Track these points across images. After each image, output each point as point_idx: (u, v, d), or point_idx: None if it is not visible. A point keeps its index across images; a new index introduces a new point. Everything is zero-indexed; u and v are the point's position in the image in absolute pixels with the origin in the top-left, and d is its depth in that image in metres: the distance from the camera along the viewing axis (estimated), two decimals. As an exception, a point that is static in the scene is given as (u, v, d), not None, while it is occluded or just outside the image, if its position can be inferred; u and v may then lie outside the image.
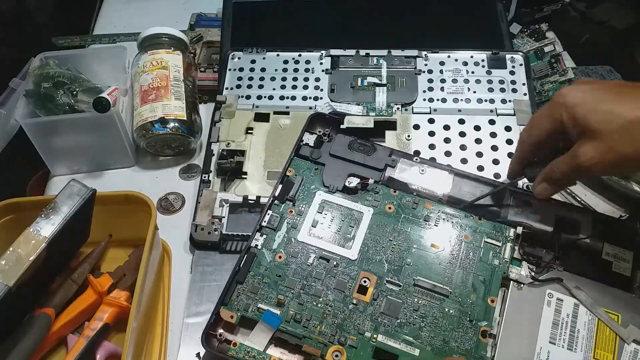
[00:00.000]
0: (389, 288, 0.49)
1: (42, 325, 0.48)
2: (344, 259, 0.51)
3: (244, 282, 0.49)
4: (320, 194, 0.55)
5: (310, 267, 0.50)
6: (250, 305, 0.48)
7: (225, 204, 0.58)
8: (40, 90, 0.63)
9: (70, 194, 0.47)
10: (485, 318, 0.47)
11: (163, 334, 0.52)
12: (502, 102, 0.64)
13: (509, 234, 0.52)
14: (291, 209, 0.54)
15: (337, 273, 0.50)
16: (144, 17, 0.90)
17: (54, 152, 0.64)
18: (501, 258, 0.50)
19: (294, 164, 0.57)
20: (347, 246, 0.51)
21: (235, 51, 0.71)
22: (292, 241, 0.52)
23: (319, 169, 0.56)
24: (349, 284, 0.49)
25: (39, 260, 0.44)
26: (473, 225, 0.52)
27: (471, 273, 0.50)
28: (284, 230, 0.52)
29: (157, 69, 0.66)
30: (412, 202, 0.54)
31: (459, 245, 0.51)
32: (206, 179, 0.60)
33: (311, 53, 0.70)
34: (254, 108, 0.65)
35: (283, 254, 0.51)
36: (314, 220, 0.53)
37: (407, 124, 0.63)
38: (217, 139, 0.63)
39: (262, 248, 0.51)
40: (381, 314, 0.48)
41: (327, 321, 0.48)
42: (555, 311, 0.48)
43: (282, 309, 0.48)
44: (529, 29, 0.82)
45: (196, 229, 0.57)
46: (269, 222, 0.53)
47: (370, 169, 0.56)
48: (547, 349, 0.46)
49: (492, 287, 0.49)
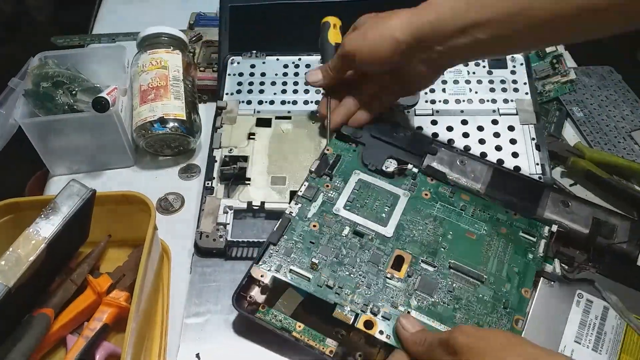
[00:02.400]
0: (423, 268, 0.49)
1: (41, 325, 0.48)
2: (379, 235, 0.51)
3: (277, 244, 0.50)
4: (358, 173, 0.55)
5: (344, 239, 0.51)
6: (282, 266, 0.49)
7: (230, 211, 0.57)
8: (40, 90, 0.62)
9: (70, 194, 0.47)
10: (519, 308, 0.47)
11: (162, 334, 0.52)
12: (504, 102, 0.64)
13: (543, 231, 0.52)
14: (328, 184, 0.54)
15: (372, 247, 0.50)
16: (143, 16, 0.90)
17: (53, 152, 0.64)
18: (535, 253, 0.51)
19: (332, 143, 0.58)
20: (382, 223, 0.52)
21: (234, 56, 0.70)
22: (327, 213, 0.52)
23: (358, 150, 0.57)
24: (384, 259, 0.49)
25: (39, 260, 0.44)
26: (509, 220, 0.53)
27: (506, 263, 0.50)
28: (319, 202, 0.53)
29: (156, 69, 0.66)
30: (448, 191, 0.54)
31: (495, 237, 0.52)
32: (209, 186, 0.60)
33: (311, 57, 0.69)
34: (255, 113, 0.65)
35: (317, 224, 0.51)
36: (349, 197, 0.53)
37: (410, 126, 0.63)
38: (219, 145, 0.62)
39: (296, 216, 0.52)
40: (415, 291, 0.48)
41: (360, 291, 0.47)
42: (583, 312, 0.48)
43: (314, 273, 0.48)
44: (529, 29, 0.81)
45: (201, 236, 0.56)
46: (306, 192, 0.53)
47: (410, 154, 0.57)
48: (571, 348, 0.46)
49: (527, 279, 0.49)
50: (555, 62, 0.73)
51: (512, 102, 0.64)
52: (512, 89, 0.65)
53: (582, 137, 0.70)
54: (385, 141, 0.58)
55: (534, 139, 0.61)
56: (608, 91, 0.75)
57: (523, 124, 0.62)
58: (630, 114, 0.72)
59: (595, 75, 0.78)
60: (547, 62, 0.73)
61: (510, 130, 0.62)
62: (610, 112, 0.72)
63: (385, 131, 0.59)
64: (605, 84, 0.76)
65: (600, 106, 0.73)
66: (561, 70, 0.73)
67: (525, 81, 0.66)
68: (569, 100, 0.73)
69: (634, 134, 0.69)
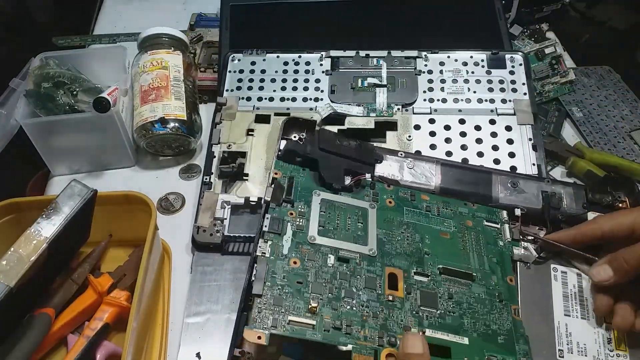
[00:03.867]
0: (418, 280, 0.48)
1: (42, 325, 0.48)
2: (365, 256, 0.48)
3: (262, 294, 0.43)
4: (319, 193, 0.52)
5: (332, 269, 0.46)
6: (279, 319, 0.42)
7: (227, 206, 0.58)
8: (40, 90, 0.63)
9: (71, 195, 0.47)
10: (511, 297, 0.48)
11: (163, 334, 0.52)
12: (502, 102, 0.64)
13: (502, 216, 0.53)
14: (291, 211, 0.49)
15: (362, 272, 0.47)
16: (144, 17, 0.90)
17: (54, 152, 0.64)
18: (504, 239, 0.52)
19: (278, 166, 0.53)
20: (362, 243, 0.49)
21: (235, 53, 0.71)
22: (303, 244, 0.47)
23: (306, 170, 0.54)
24: (378, 282, 0.46)
25: (40, 260, 0.44)
26: (470, 211, 0.54)
27: (484, 256, 0.50)
28: (290, 234, 0.48)
29: (157, 69, 0.66)
30: (408, 195, 0.54)
31: (465, 231, 0.52)
32: (207, 181, 0.60)
33: (311, 54, 0.70)
34: (255, 110, 0.65)
35: (297, 259, 0.46)
36: (319, 220, 0.49)
37: (408, 124, 0.63)
38: (218, 140, 0.63)
39: (271, 255, 0.46)
40: (420, 307, 0.46)
41: (368, 323, 0.43)
42: (562, 284, 0.49)
43: (315, 317, 0.43)
44: (529, 30, 0.82)
45: (198, 230, 0.57)
46: (271, 227, 0.48)
47: (363, 164, 0.55)
48: (564, 322, 0.47)
49: (506, 267, 0.50)
50: (554, 63, 0.73)
51: (510, 103, 0.64)
52: (511, 89, 0.65)
53: (582, 137, 0.70)
54: (336, 153, 0.55)
55: (530, 140, 0.61)
56: (607, 91, 0.75)
57: (520, 125, 0.62)
58: (630, 114, 0.72)
59: (594, 75, 0.78)
60: (546, 63, 0.73)
61: (508, 131, 0.62)
62: (610, 112, 0.72)
63: (332, 142, 0.56)
64: (604, 84, 0.77)
65: (600, 106, 0.73)
66: (560, 71, 0.73)
67: (523, 81, 0.66)
68: (569, 101, 0.73)
69: (634, 134, 0.69)
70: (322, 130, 0.58)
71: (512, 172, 0.58)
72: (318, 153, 0.55)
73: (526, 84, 0.66)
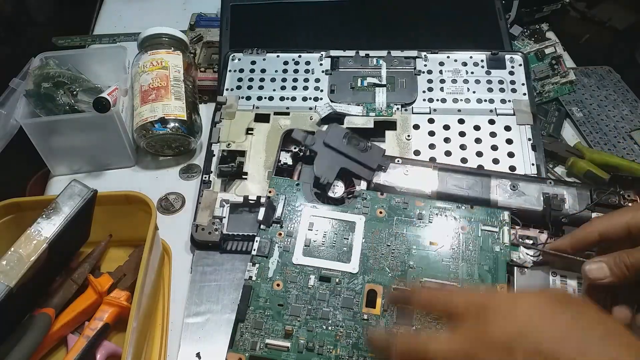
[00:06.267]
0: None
1: (42, 325, 0.48)
2: (345, 274, 0.49)
3: (245, 319, 0.47)
4: (307, 209, 0.52)
5: (312, 290, 0.48)
6: (257, 342, 0.46)
7: (226, 204, 0.58)
8: (40, 90, 0.63)
9: (71, 195, 0.47)
10: None
11: (163, 334, 0.52)
12: (502, 102, 0.64)
13: (503, 217, 0.51)
14: (280, 232, 0.51)
15: (342, 290, 0.48)
16: (144, 17, 0.90)
17: (54, 152, 0.64)
18: (501, 244, 0.50)
19: (273, 184, 0.54)
20: (345, 260, 0.50)
21: (235, 52, 0.71)
22: (287, 266, 0.49)
23: (300, 185, 0.54)
24: (356, 300, 0.47)
25: (40, 260, 0.44)
26: (467, 215, 0.52)
27: (475, 264, 0.49)
28: (276, 256, 0.50)
29: (157, 69, 0.66)
30: (402, 202, 0.53)
31: (458, 238, 0.50)
32: (207, 180, 0.60)
33: (311, 54, 0.70)
34: (254, 109, 0.65)
35: (281, 282, 0.48)
36: (306, 239, 0.51)
37: (407, 124, 0.63)
38: (218, 139, 0.63)
39: (257, 279, 0.48)
40: (394, 324, 0.46)
41: (341, 343, 0.45)
42: (562, 287, 0.48)
43: (291, 339, 0.46)
44: (529, 30, 0.82)
45: (197, 229, 0.57)
46: (259, 250, 0.50)
47: (363, 167, 0.55)
48: None
49: (499, 275, 0.48)
50: (554, 63, 0.73)
51: (510, 103, 0.64)
52: (510, 90, 0.65)
53: (582, 138, 0.70)
54: (339, 151, 0.55)
55: (530, 140, 0.61)
56: (607, 91, 0.75)
57: (520, 125, 0.62)
58: (630, 114, 0.72)
59: (594, 76, 0.78)
60: (547, 63, 0.73)
61: (507, 131, 0.62)
62: (610, 112, 0.72)
63: (339, 139, 0.55)
64: (604, 84, 0.77)
65: (600, 106, 0.73)
66: (560, 71, 0.73)
67: (523, 82, 0.66)
68: (569, 101, 0.73)
69: (634, 134, 0.69)
70: (334, 126, 0.57)
71: (513, 174, 0.57)
72: (320, 147, 0.55)
73: (525, 84, 0.65)
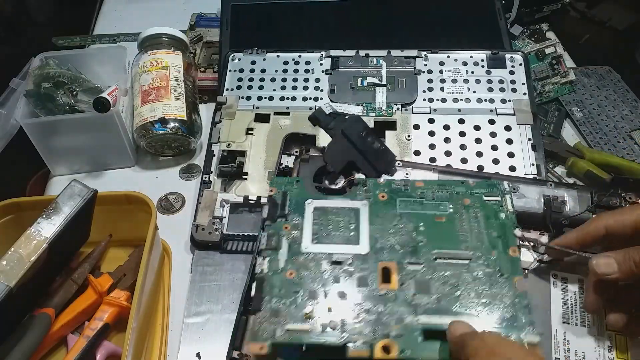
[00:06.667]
0: (411, 270, 0.47)
1: (42, 325, 0.48)
2: (357, 256, 0.49)
3: (262, 309, 0.45)
4: (311, 202, 0.52)
5: (326, 273, 0.48)
6: (277, 329, 0.44)
7: (226, 204, 0.58)
8: (41, 90, 0.63)
9: (72, 195, 0.47)
10: (513, 270, 0.46)
11: (163, 334, 0.52)
12: (502, 102, 0.64)
13: (503, 187, 0.52)
14: (286, 225, 0.51)
15: (355, 271, 0.48)
16: (144, 17, 0.90)
17: (54, 152, 0.64)
18: (505, 211, 0.50)
19: (273, 183, 0.54)
20: (354, 243, 0.49)
21: (235, 52, 0.71)
22: (298, 255, 0.49)
23: (301, 181, 0.54)
24: (371, 278, 0.47)
25: (40, 260, 0.44)
26: (468, 188, 0.52)
27: (484, 232, 0.49)
28: (285, 248, 0.49)
29: (157, 69, 0.66)
30: (402, 184, 0.53)
31: (462, 211, 0.51)
32: (207, 180, 0.60)
33: (311, 54, 0.70)
34: (254, 109, 0.65)
35: (294, 270, 0.48)
36: (313, 229, 0.50)
37: (407, 124, 0.63)
38: (218, 139, 0.63)
39: (269, 271, 0.48)
40: (413, 295, 0.46)
41: (362, 320, 0.45)
42: (562, 290, 0.48)
43: (311, 322, 0.45)
44: (529, 30, 0.82)
45: (197, 229, 0.57)
46: (268, 244, 0.49)
47: (371, 166, 0.55)
48: (562, 330, 0.46)
49: (509, 238, 0.48)
50: (554, 63, 0.73)
51: (510, 102, 0.64)
52: (510, 89, 0.65)
53: (582, 138, 0.70)
54: (353, 144, 0.55)
55: (530, 140, 0.61)
56: (607, 91, 0.75)
57: (520, 125, 0.62)
58: (630, 114, 0.72)
59: (594, 75, 0.78)
60: (547, 63, 0.73)
61: (507, 130, 0.62)
62: (610, 112, 0.72)
63: (358, 133, 0.55)
64: (604, 84, 0.77)
65: (600, 106, 0.73)
66: (560, 71, 0.73)
67: (523, 82, 0.66)
68: (569, 101, 0.73)
69: (634, 134, 0.69)
70: (356, 117, 0.57)
71: (513, 176, 0.57)
72: (338, 133, 0.55)
73: (526, 84, 0.65)
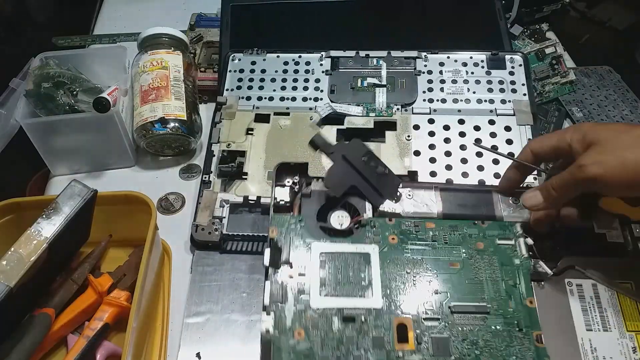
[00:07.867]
0: (428, 326, 0.45)
1: (42, 325, 0.48)
2: (371, 310, 0.45)
3: None
4: (316, 245, 0.48)
5: (338, 334, 0.44)
6: None
7: (226, 205, 0.58)
8: (41, 91, 0.63)
9: (72, 195, 0.47)
10: (532, 323, 0.45)
11: (163, 334, 0.52)
12: (502, 103, 0.64)
13: (516, 229, 0.50)
14: (290, 274, 0.47)
15: (369, 329, 0.44)
16: (144, 17, 0.90)
17: (54, 152, 0.64)
18: (520, 256, 0.48)
19: (274, 222, 0.49)
20: (367, 295, 0.46)
21: (235, 52, 0.71)
22: (306, 311, 0.45)
23: (303, 220, 0.50)
24: (387, 337, 0.44)
25: (40, 260, 0.44)
26: (480, 230, 0.50)
27: (500, 280, 0.47)
28: (292, 301, 0.45)
29: (157, 69, 0.66)
30: (412, 225, 0.50)
31: (477, 257, 0.48)
32: (207, 180, 0.60)
33: (311, 54, 0.70)
34: (254, 109, 0.65)
35: (302, 330, 0.44)
36: (320, 279, 0.46)
37: (407, 124, 0.63)
38: (218, 139, 0.63)
39: (275, 330, 0.44)
40: (432, 357, 0.43)
41: None
42: (579, 298, 0.48)
43: None
44: (529, 30, 0.82)
45: (197, 229, 0.57)
46: (272, 297, 0.45)
47: (374, 191, 0.52)
48: (588, 337, 0.46)
49: (526, 288, 0.47)
50: (554, 63, 0.73)
51: (510, 103, 0.64)
52: (510, 90, 0.65)
53: (581, 137, 0.70)
54: (355, 168, 0.51)
55: (530, 140, 0.61)
56: (607, 91, 0.76)
57: (520, 125, 0.62)
58: (630, 114, 0.72)
59: (594, 75, 0.78)
60: (547, 63, 0.73)
61: (507, 131, 0.62)
62: (610, 112, 0.72)
63: (359, 157, 0.51)
64: (604, 84, 0.77)
65: (600, 106, 0.73)
66: (560, 71, 0.73)
67: (523, 82, 0.66)
68: (569, 101, 0.73)
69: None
70: (356, 141, 0.53)
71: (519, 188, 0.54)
72: (338, 158, 0.51)
73: (526, 85, 0.65)
